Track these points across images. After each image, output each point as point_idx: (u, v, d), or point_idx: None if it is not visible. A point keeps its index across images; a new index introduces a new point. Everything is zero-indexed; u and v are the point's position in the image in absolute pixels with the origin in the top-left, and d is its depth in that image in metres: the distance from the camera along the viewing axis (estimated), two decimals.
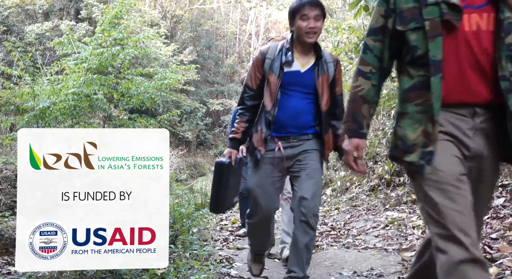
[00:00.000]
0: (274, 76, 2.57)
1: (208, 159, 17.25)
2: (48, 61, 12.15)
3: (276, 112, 2.57)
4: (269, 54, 2.63)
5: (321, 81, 2.57)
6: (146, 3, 20.14)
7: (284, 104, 2.57)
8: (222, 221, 5.97)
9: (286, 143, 2.61)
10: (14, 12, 15.76)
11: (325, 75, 2.59)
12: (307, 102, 2.59)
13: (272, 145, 2.62)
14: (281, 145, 2.59)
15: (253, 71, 2.67)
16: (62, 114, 5.18)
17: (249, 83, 2.67)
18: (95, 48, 5.33)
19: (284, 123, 2.59)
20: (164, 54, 15.78)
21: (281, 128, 2.60)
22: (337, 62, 2.68)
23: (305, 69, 2.59)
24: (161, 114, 8.27)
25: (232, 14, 26.92)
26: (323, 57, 2.61)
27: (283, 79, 2.56)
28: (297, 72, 2.58)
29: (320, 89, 2.56)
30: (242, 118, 2.70)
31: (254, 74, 2.66)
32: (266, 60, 2.62)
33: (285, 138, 2.61)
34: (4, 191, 4.99)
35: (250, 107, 2.69)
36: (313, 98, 2.59)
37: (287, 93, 2.58)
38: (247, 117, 2.69)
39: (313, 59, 2.60)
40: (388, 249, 3.82)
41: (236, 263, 3.57)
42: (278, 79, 2.55)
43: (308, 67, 2.59)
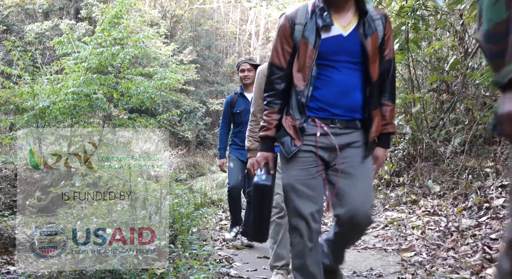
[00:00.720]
0: (309, 46, 2.00)
1: (207, 159, 17.24)
2: (48, 60, 12.13)
3: (312, 92, 2.01)
4: (299, 18, 2.05)
5: (369, 44, 2.00)
6: (146, 2, 20.14)
7: (327, 80, 2.01)
8: (221, 221, 5.96)
9: (329, 127, 2.02)
10: (14, 11, 15.74)
11: (374, 36, 2.02)
12: (356, 76, 2.03)
13: (312, 128, 2.03)
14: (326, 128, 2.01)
15: (280, 44, 2.08)
16: (61, 114, 5.18)
17: (276, 60, 2.09)
18: (95, 47, 5.33)
19: (330, 102, 2.02)
20: (164, 53, 15.77)
21: (323, 110, 2.03)
22: (386, 18, 2.09)
23: (349, 32, 2.02)
24: (160, 113, 8.29)
25: (232, 14, 26.91)
26: (368, 13, 2.04)
27: (321, 49, 1.99)
28: (339, 37, 2.01)
29: (370, 54, 2.00)
30: (273, 108, 2.11)
31: (282, 48, 2.08)
32: (296, 26, 2.03)
33: (329, 120, 2.03)
34: (3, 190, 4.99)
35: (282, 92, 2.10)
36: (362, 68, 2.02)
37: (329, 65, 2.01)
38: (279, 106, 2.10)
39: (356, 18, 2.04)
40: (388, 249, 3.82)
41: (235, 263, 3.57)
42: (314, 49, 1.99)
43: (351, 28, 2.03)
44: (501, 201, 3.83)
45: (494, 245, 3.16)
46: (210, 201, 7.33)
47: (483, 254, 3.04)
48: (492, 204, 3.83)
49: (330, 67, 2.01)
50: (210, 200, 7.38)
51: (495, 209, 3.77)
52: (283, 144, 2.06)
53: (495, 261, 2.87)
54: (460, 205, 4.23)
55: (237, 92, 4.59)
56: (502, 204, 3.80)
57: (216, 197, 7.76)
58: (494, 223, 3.56)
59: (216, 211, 6.64)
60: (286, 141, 2.04)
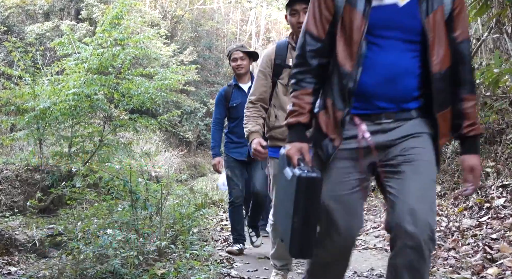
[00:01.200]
0: (357, 14, 1.55)
1: (208, 159, 17.24)
2: (48, 61, 12.16)
3: (360, 74, 1.56)
4: None
5: (432, 20, 1.55)
6: (147, 3, 20.16)
7: (371, 62, 1.56)
8: (222, 222, 5.96)
9: (374, 125, 1.59)
10: (14, 12, 15.75)
11: (439, 10, 1.57)
12: (409, 57, 1.57)
13: (352, 129, 1.60)
14: (365, 128, 1.59)
15: (318, 9, 1.63)
16: (62, 114, 5.19)
17: (313, 29, 1.64)
18: (95, 48, 5.35)
19: (373, 93, 1.58)
20: (165, 54, 15.78)
21: (366, 101, 1.60)
22: None
23: (405, 2, 1.56)
24: (161, 114, 8.29)
25: (232, 14, 26.94)
26: None
27: (371, 19, 1.55)
28: (393, 7, 1.56)
29: (431, 34, 1.55)
30: (305, 89, 1.64)
31: (320, 14, 1.62)
32: None
33: (373, 117, 1.60)
34: (4, 191, 4.99)
35: (317, 69, 1.64)
36: (420, 49, 1.57)
37: (376, 42, 1.56)
38: (313, 85, 1.64)
39: None
40: (388, 250, 3.81)
41: (236, 263, 3.57)
42: (364, 19, 1.54)
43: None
44: (502, 201, 3.83)
45: (495, 245, 3.16)
46: (211, 201, 7.34)
47: (484, 254, 3.04)
48: (493, 204, 3.83)
49: (374, 45, 1.56)
50: (210, 200, 7.38)
51: (496, 209, 3.77)
52: (319, 147, 1.64)
53: (496, 261, 2.87)
54: (461, 205, 4.23)
55: (230, 84, 4.06)
56: (503, 204, 3.80)
57: (217, 197, 7.76)
58: (495, 223, 3.56)
59: (217, 212, 6.64)
60: (323, 145, 1.62)
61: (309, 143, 1.65)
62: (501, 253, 2.97)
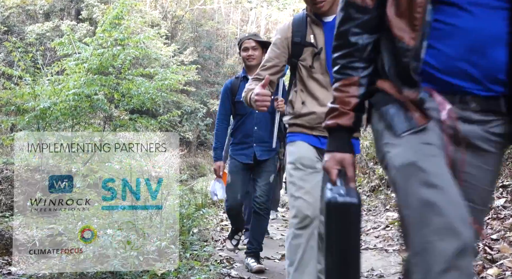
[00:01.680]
0: None
1: (208, 159, 17.24)
2: (48, 61, 12.16)
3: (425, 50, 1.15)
4: None
5: None
6: (147, 3, 20.17)
7: (447, 31, 1.15)
8: (222, 222, 5.97)
9: (457, 108, 1.16)
10: (14, 12, 15.76)
11: None
12: (498, 19, 1.13)
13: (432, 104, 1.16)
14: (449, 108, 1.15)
15: None
16: (62, 115, 5.19)
17: None
18: (95, 48, 5.34)
19: (453, 69, 1.15)
20: (165, 54, 15.79)
21: (441, 80, 1.17)
22: None
23: None
24: (161, 114, 8.29)
25: (232, 14, 26.94)
26: None
27: None
28: None
29: None
30: (351, 77, 1.26)
31: None
32: None
33: (457, 97, 1.16)
34: (4, 191, 5.00)
35: (365, 49, 1.25)
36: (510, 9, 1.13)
37: (452, 3, 1.14)
38: (361, 71, 1.26)
39: None
40: (389, 250, 3.82)
41: (236, 264, 3.57)
42: None
43: None
44: (502, 201, 3.83)
45: (495, 245, 3.16)
46: (211, 201, 7.34)
47: (484, 254, 3.04)
48: (493, 205, 3.83)
49: (454, 8, 1.14)
50: (211, 200, 7.38)
51: (496, 210, 3.77)
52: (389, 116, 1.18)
53: (496, 262, 2.87)
54: None
55: (238, 76, 3.63)
56: (503, 204, 3.80)
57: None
58: (495, 223, 3.56)
59: (217, 212, 6.64)
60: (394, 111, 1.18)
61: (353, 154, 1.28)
62: (501, 254, 2.97)
